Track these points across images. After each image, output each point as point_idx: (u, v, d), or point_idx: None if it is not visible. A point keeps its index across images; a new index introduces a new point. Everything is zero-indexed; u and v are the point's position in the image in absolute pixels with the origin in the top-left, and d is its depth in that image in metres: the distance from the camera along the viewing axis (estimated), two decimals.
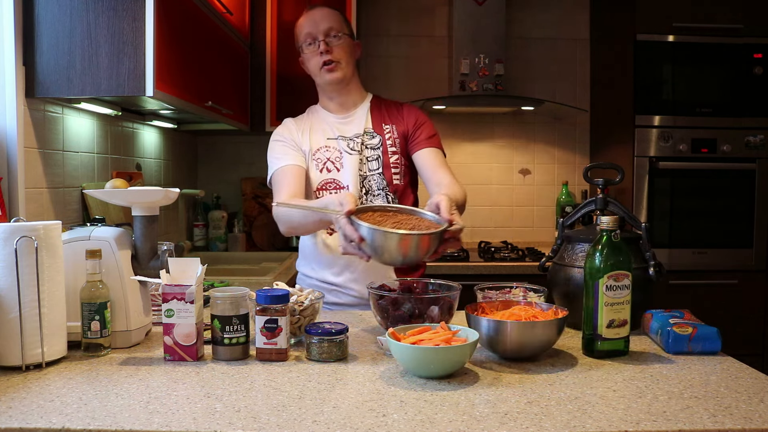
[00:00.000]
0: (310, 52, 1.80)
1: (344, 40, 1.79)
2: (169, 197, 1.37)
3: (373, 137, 1.83)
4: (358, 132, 1.83)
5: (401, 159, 1.83)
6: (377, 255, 1.33)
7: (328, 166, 1.80)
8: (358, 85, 1.88)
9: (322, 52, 1.76)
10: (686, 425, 0.91)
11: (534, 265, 2.83)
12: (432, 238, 1.32)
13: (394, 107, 1.90)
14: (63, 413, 0.95)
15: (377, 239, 1.30)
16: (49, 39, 1.77)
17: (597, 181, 1.55)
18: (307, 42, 1.80)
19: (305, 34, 1.80)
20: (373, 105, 1.88)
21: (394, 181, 1.81)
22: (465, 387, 1.08)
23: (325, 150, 1.81)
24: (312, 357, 1.24)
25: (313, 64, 1.79)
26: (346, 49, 1.80)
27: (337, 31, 1.78)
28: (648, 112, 3.02)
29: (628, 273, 1.24)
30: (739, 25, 2.97)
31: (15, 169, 1.73)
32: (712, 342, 1.27)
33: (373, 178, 1.80)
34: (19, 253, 1.16)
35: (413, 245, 1.30)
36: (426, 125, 1.85)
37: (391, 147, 1.82)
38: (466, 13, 3.23)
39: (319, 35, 1.77)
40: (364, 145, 1.81)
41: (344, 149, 1.81)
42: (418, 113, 1.88)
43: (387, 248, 1.31)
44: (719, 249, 3.04)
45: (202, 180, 3.49)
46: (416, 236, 1.30)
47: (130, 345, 1.32)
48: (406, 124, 1.85)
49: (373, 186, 1.80)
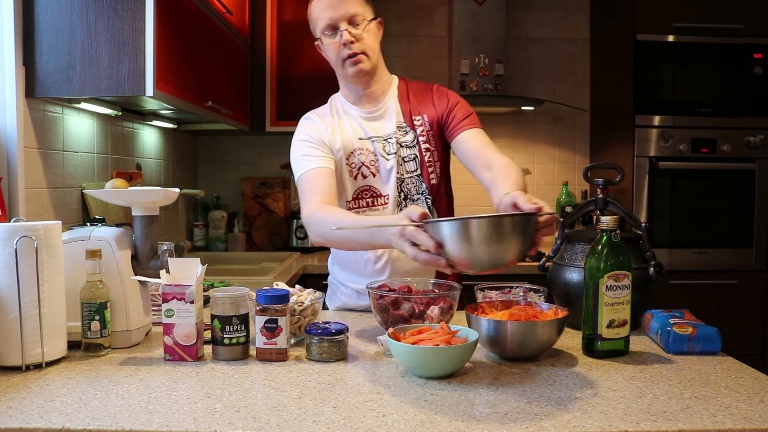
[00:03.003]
0: (330, 43, 1.59)
1: (369, 26, 1.59)
2: (169, 197, 1.37)
3: (406, 133, 1.65)
4: (391, 130, 1.65)
5: (435, 154, 1.67)
6: (463, 256, 1.12)
7: (363, 171, 1.63)
8: (384, 69, 1.70)
9: (345, 44, 1.56)
10: (686, 425, 0.91)
11: (534, 265, 2.83)
12: (524, 222, 1.11)
13: (422, 92, 1.71)
14: (63, 413, 0.95)
15: (460, 233, 1.10)
16: (49, 39, 1.77)
17: (597, 181, 1.55)
18: (326, 32, 1.59)
19: (324, 23, 1.58)
20: (400, 92, 1.70)
21: (432, 181, 1.66)
22: (465, 387, 1.08)
23: (359, 153, 1.64)
24: (312, 357, 1.24)
25: (335, 56, 1.60)
26: (372, 34, 1.61)
27: (361, 16, 1.58)
28: (648, 112, 3.02)
29: (628, 273, 1.24)
30: (739, 25, 2.97)
31: (15, 169, 1.73)
32: (712, 342, 1.27)
33: (411, 180, 1.65)
34: (19, 253, 1.16)
35: (506, 232, 1.09)
36: (460, 105, 1.67)
37: (425, 143, 1.65)
38: (466, 13, 3.23)
39: (341, 23, 1.56)
40: (400, 145, 1.64)
41: (380, 152, 1.64)
42: (449, 94, 1.70)
43: (475, 243, 1.10)
44: (719, 249, 3.04)
45: (202, 180, 3.49)
46: (508, 218, 1.10)
47: (130, 345, 1.32)
48: (438, 109, 1.67)
49: (411, 190, 1.65)
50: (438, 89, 1.72)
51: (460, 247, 1.11)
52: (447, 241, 1.12)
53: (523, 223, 1.12)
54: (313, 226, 1.50)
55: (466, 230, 1.10)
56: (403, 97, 1.69)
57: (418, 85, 1.73)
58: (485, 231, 1.09)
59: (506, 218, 1.10)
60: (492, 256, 1.12)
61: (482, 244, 1.10)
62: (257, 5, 3.04)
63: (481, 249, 1.11)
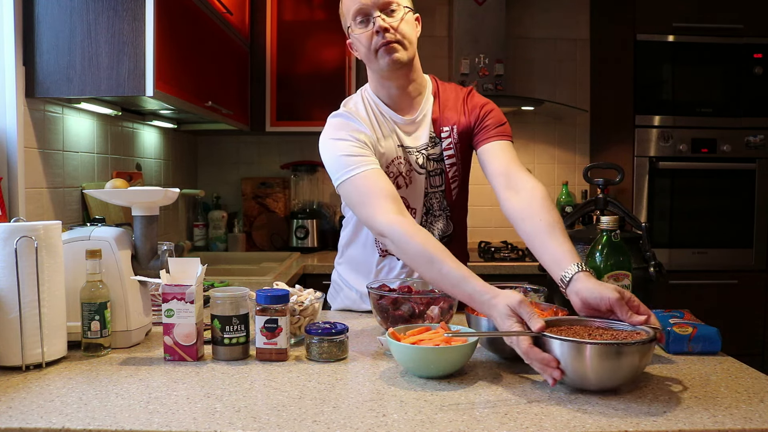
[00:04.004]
0: (362, 33, 1.47)
1: (406, 15, 1.49)
2: (169, 197, 1.37)
3: (435, 145, 1.57)
4: (424, 141, 1.56)
5: (459, 168, 1.59)
6: (576, 377, 1.04)
7: (399, 181, 1.55)
8: (419, 69, 1.59)
9: (378, 31, 1.45)
10: (686, 425, 0.91)
11: (534, 265, 2.83)
12: (645, 350, 1.02)
13: (455, 97, 1.61)
14: (63, 413, 0.95)
15: (573, 355, 1.02)
16: (49, 39, 1.77)
17: (597, 181, 1.55)
18: (357, 20, 1.48)
19: (356, 11, 1.47)
20: (435, 98, 1.60)
21: (453, 197, 1.60)
22: (465, 387, 1.08)
23: (397, 163, 1.55)
24: (312, 357, 1.24)
25: (367, 47, 1.48)
26: (409, 24, 1.50)
27: (398, 4, 1.48)
28: (648, 112, 3.02)
29: (628, 273, 1.24)
30: (739, 25, 2.97)
31: (15, 169, 1.73)
32: (712, 342, 1.27)
33: (435, 195, 1.58)
34: (19, 253, 1.16)
35: (630, 363, 1.01)
36: (493, 114, 1.57)
37: (449, 158, 1.57)
38: (466, 13, 3.23)
39: (374, 10, 1.45)
40: (427, 158, 1.57)
41: (413, 163, 1.56)
42: (483, 101, 1.60)
43: (591, 367, 1.01)
44: (719, 249, 3.04)
45: (202, 180, 3.49)
46: (637, 347, 1.00)
47: (130, 345, 1.32)
48: (469, 117, 1.57)
49: (434, 205, 1.59)
50: (473, 95, 1.62)
51: (575, 370, 1.03)
52: (558, 357, 1.04)
53: (646, 349, 1.03)
54: (401, 244, 1.32)
55: (579, 354, 1.02)
56: (436, 103, 1.59)
57: (451, 90, 1.63)
58: (604, 358, 1.01)
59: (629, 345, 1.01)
60: (612, 380, 1.04)
61: (599, 368, 1.02)
62: (257, 5, 3.04)
63: (594, 373, 1.03)
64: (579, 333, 1.09)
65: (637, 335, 1.06)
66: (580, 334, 1.08)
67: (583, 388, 1.05)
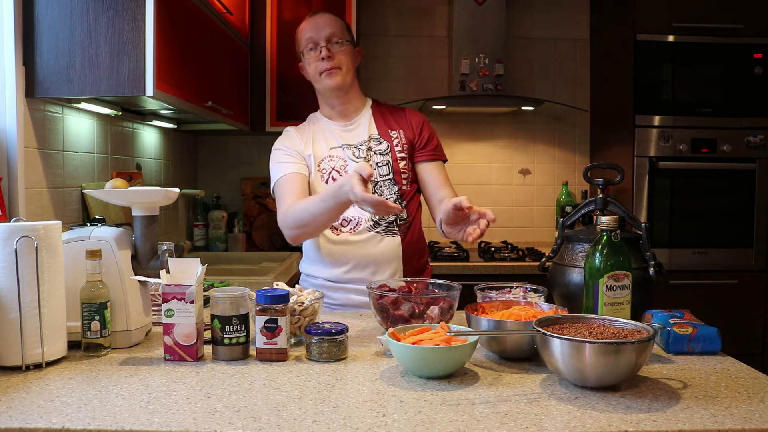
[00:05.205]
0: (311, 58, 1.80)
1: (346, 47, 1.80)
2: (169, 197, 1.37)
3: (380, 143, 1.83)
4: (363, 139, 1.83)
5: (409, 164, 1.83)
6: (576, 375, 1.06)
7: (334, 175, 1.80)
8: (358, 91, 1.88)
9: (323, 58, 1.76)
10: (686, 425, 0.91)
11: (534, 265, 2.83)
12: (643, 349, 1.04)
13: (398, 112, 1.90)
14: (63, 413, 0.95)
15: (572, 354, 1.04)
16: (49, 39, 1.77)
17: (597, 181, 1.55)
18: (308, 47, 1.80)
19: (307, 39, 1.80)
20: (375, 110, 1.89)
21: (403, 186, 1.81)
22: (465, 387, 1.08)
23: (329, 160, 1.81)
24: (312, 357, 1.24)
25: (314, 70, 1.80)
26: (348, 55, 1.80)
27: (339, 37, 1.78)
28: (648, 112, 3.02)
29: (628, 273, 1.24)
30: (739, 25, 2.97)
31: (15, 169, 1.73)
32: (712, 342, 1.27)
33: (384, 184, 1.80)
34: (19, 253, 1.16)
35: (629, 360, 1.03)
36: (433, 134, 1.87)
37: (400, 153, 1.82)
38: (466, 13, 3.23)
39: (321, 41, 1.77)
40: (371, 151, 1.81)
41: (349, 157, 1.80)
42: (423, 120, 1.89)
43: (590, 365, 1.03)
44: (719, 249, 3.04)
45: (202, 180, 3.49)
46: (634, 346, 1.02)
47: (130, 345, 1.33)
48: (413, 130, 1.85)
49: (384, 192, 1.79)
50: (411, 111, 1.91)
51: (569, 367, 1.06)
52: (555, 356, 1.07)
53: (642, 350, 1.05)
54: (287, 220, 1.70)
55: (575, 352, 1.04)
56: (378, 116, 1.87)
57: (391, 107, 1.93)
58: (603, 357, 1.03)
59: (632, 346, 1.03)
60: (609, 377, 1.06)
61: (596, 365, 1.04)
62: (257, 5, 3.03)
63: (591, 370, 1.05)
64: (580, 331, 1.12)
65: (638, 333, 1.10)
66: (581, 333, 1.11)
67: (582, 385, 1.07)
